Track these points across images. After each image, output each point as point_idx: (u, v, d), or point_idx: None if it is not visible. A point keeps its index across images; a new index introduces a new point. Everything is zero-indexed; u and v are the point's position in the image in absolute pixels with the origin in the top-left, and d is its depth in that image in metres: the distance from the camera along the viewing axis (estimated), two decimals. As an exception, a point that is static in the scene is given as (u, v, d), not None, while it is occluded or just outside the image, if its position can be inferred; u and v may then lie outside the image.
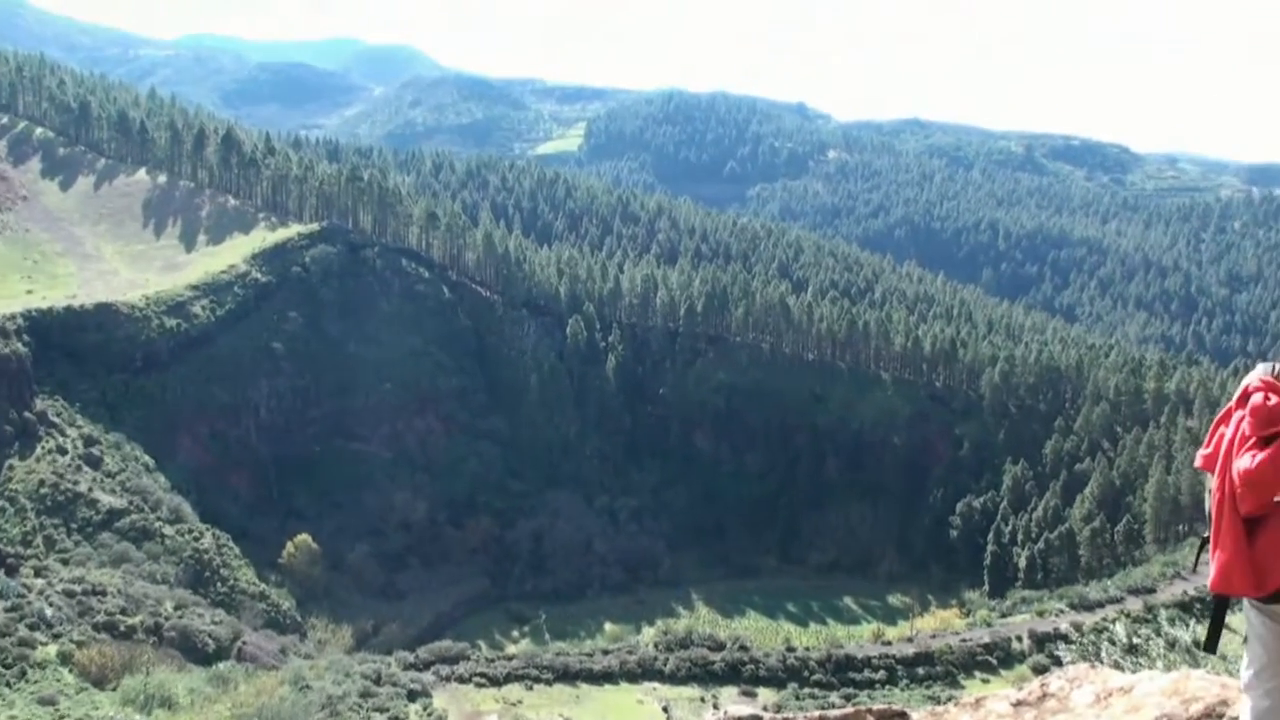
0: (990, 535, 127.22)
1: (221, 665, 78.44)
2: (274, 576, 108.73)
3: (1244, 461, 5.22)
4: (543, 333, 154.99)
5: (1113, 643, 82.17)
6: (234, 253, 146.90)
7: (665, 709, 77.10)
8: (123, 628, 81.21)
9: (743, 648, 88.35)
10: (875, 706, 7.85)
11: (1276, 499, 5.15)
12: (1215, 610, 5.73)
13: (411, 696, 76.00)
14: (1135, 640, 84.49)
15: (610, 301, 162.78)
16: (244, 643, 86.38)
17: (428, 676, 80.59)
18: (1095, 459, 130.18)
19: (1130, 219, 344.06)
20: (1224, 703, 6.51)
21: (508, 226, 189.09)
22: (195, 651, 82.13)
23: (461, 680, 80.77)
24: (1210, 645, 5.78)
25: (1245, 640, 5.75)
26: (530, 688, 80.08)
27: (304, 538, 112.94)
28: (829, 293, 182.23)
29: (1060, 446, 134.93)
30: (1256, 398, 5.32)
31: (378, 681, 77.00)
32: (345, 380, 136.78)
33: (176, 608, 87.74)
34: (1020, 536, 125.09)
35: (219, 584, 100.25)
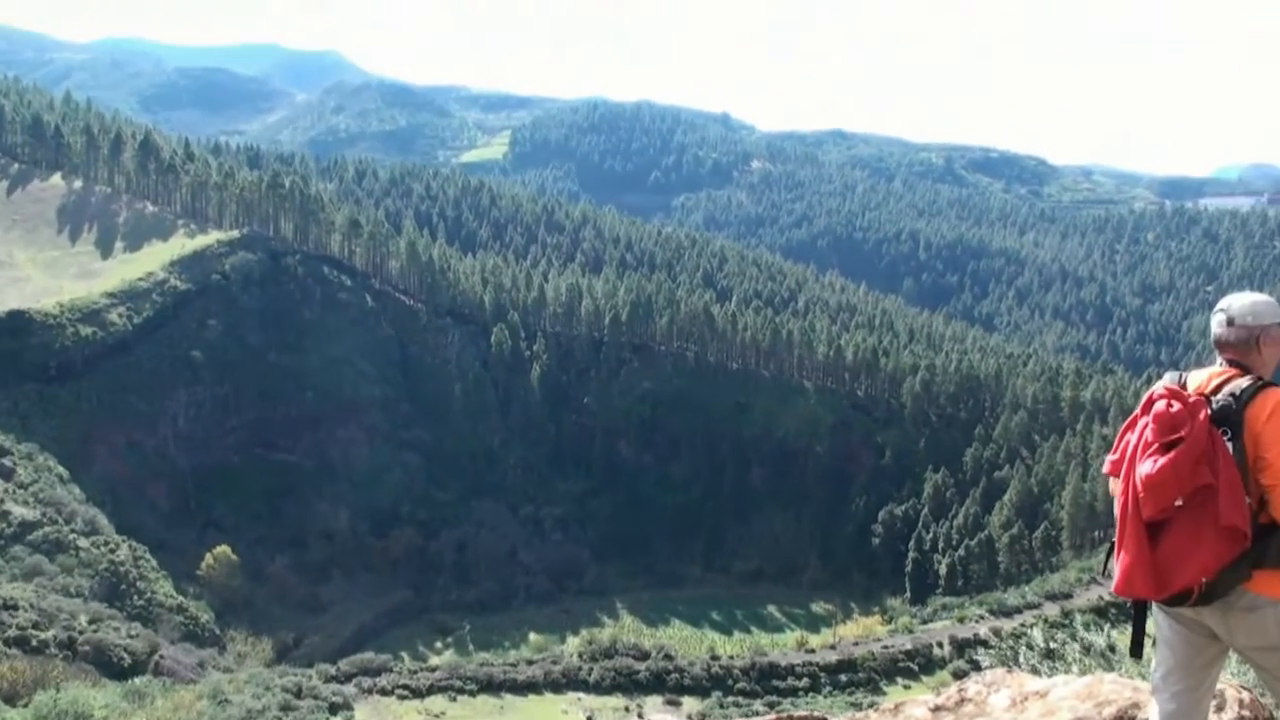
0: (912, 543, 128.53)
1: (138, 680, 76.80)
2: (192, 589, 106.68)
3: (1146, 467, 5.39)
4: (467, 341, 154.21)
5: (1030, 648, 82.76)
6: (152, 260, 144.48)
7: (590, 718, 76.92)
8: (35, 642, 79.19)
9: (667, 657, 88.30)
10: (797, 714, 7.93)
11: (1177, 503, 5.31)
12: (1135, 615, 5.89)
13: (333, 709, 75.01)
14: (1052, 645, 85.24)
15: (535, 310, 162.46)
16: (161, 656, 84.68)
17: (350, 689, 79.55)
18: (1014, 467, 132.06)
19: (1047, 230, 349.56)
20: (1135, 705, 6.66)
21: (432, 235, 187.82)
22: (110, 666, 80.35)
23: (384, 692, 79.88)
24: (1136, 650, 5.92)
25: (1155, 644, 5.92)
26: (454, 699, 79.44)
27: (223, 549, 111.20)
28: (753, 302, 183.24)
29: (980, 454, 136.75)
30: (1160, 405, 5.49)
31: (298, 695, 75.88)
32: (266, 389, 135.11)
33: (91, 621, 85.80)
34: (941, 544, 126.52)
35: (135, 597, 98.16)
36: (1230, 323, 5.75)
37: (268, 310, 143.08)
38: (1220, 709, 6.66)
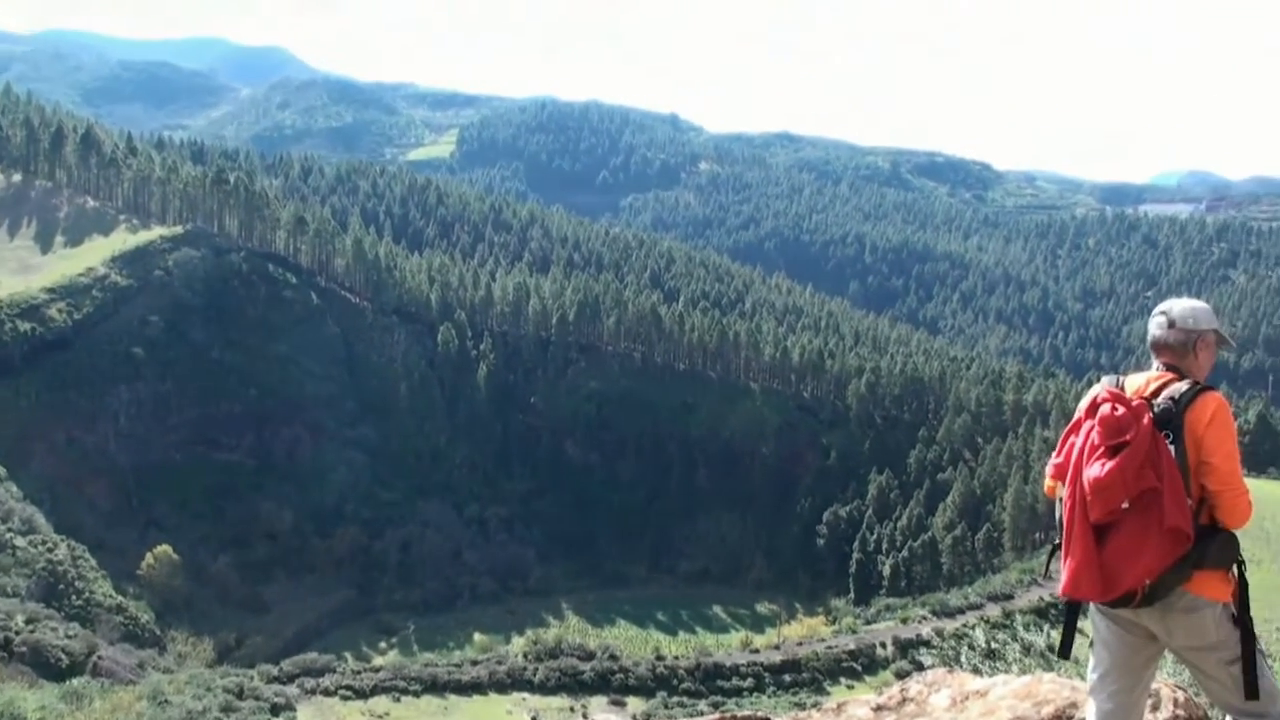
0: (856, 543, 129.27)
1: (76, 681, 75.61)
2: (132, 589, 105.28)
3: (1094, 470, 5.47)
4: (413, 340, 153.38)
5: (972, 648, 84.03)
6: (93, 255, 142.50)
7: (534, 719, 76.79)
8: (-31, 643, 78.04)
9: (612, 657, 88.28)
10: (740, 714, 7.96)
11: (1124, 506, 5.38)
12: (1067, 616, 5.97)
13: (275, 710, 74.28)
14: (993, 645, 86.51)
15: (482, 309, 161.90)
16: (100, 657, 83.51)
17: (292, 690, 78.84)
18: (957, 468, 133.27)
19: (991, 234, 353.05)
20: (1073, 705, 6.74)
21: (378, 233, 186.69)
22: (48, 667, 79.12)
23: (327, 693, 79.23)
24: (1064, 651, 6.01)
25: (1092, 644, 5.99)
26: (397, 699, 78.96)
27: (164, 549, 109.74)
28: (700, 303, 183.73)
29: (924, 456, 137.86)
30: (1105, 409, 5.57)
31: (240, 695, 75.08)
32: (209, 387, 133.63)
33: (28, 622, 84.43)
34: (885, 545, 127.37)
35: (74, 597, 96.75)
36: (1171, 325, 5.86)
37: (211, 307, 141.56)
38: (1156, 708, 6.75)
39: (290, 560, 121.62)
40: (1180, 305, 5.90)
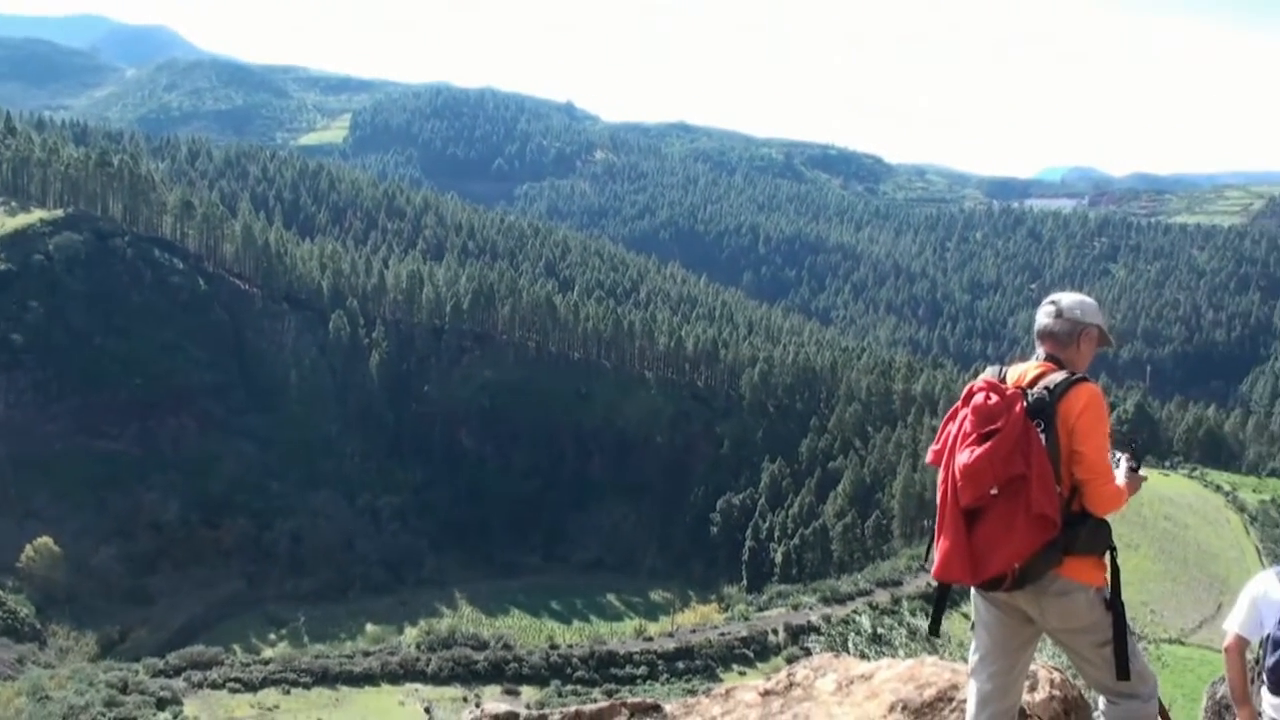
0: (749, 532, 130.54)
1: (-49, 677, 73.71)
2: (11, 582, 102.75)
3: (964, 456, 5.63)
4: (304, 328, 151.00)
5: (859, 633, 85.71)
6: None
7: (427, 709, 76.29)
8: None
9: (506, 646, 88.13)
10: (632, 700, 8.01)
11: (993, 491, 5.54)
12: (937, 597, 6.15)
13: (161, 705, 72.82)
14: (880, 630, 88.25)
15: (374, 297, 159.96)
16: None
17: (178, 683, 77.32)
18: (848, 457, 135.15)
19: (882, 226, 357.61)
20: (954, 686, 6.91)
21: (268, 218, 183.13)
22: (-79, 663, 76.96)
23: (215, 686, 77.83)
24: (933, 628, 6.19)
25: (973, 627, 6.16)
26: (287, 692, 77.87)
27: (44, 540, 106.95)
28: (595, 292, 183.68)
29: (815, 445, 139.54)
30: (978, 397, 5.74)
31: (124, 690, 73.47)
32: (92, 375, 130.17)
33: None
34: (777, 533, 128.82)
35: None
36: (1059, 315, 6.00)
37: (94, 293, 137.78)
38: (1033, 689, 6.95)
39: (176, 552, 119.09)
40: (1070, 297, 6.06)
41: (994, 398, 5.67)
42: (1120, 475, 5.95)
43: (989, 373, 6.03)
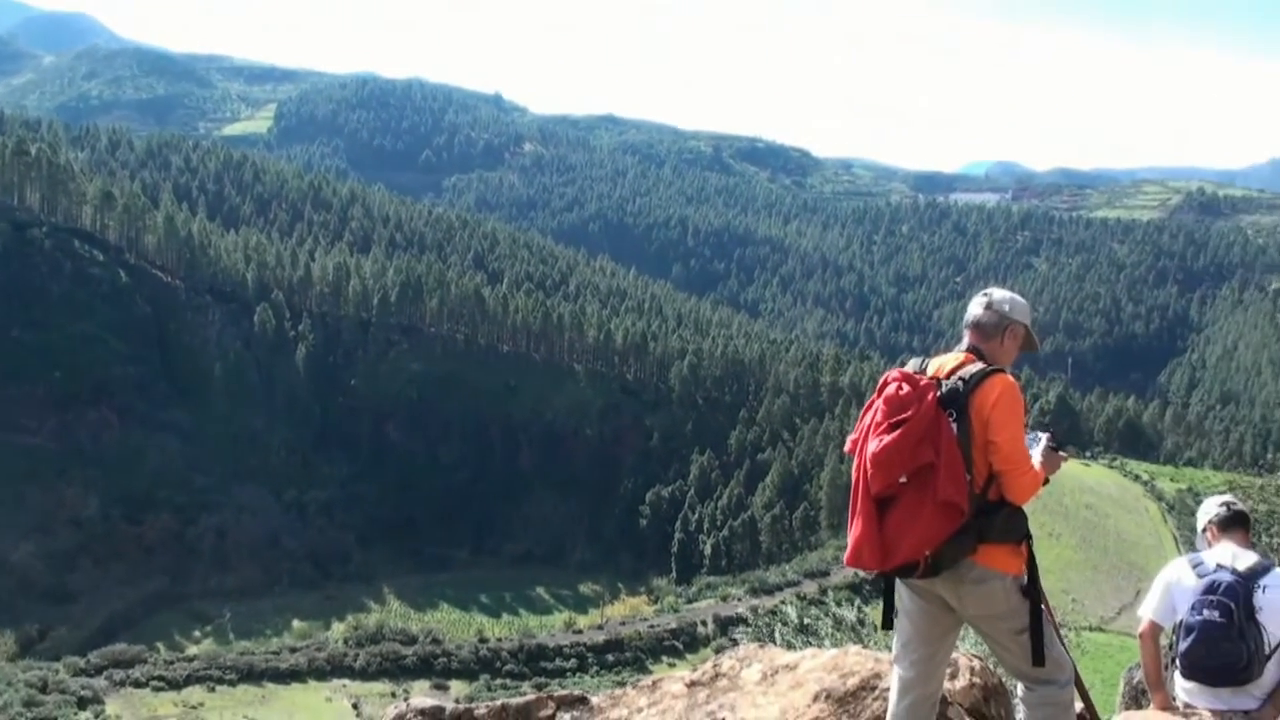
0: (678, 524, 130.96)
1: None
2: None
3: (874, 445, 5.71)
4: (228, 321, 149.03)
5: (785, 624, 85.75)
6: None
7: (355, 706, 75.85)
8: None
9: (435, 641, 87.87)
10: (560, 693, 8.02)
11: (902, 480, 5.62)
12: (885, 590, 6.22)
13: (82, 704, 71.70)
14: (806, 620, 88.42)
15: (300, 290, 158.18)
16: (-111, 654, 79.48)
17: (100, 682, 76.20)
18: (776, 449, 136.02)
19: (810, 220, 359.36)
20: (877, 675, 7.00)
21: (191, 209, 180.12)
22: None
23: (138, 684, 76.78)
24: (886, 622, 6.26)
25: (895, 615, 6.25)
26: (212, 689, 77.03)
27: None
28: (524, 285, 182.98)
29: (744, 437, 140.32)
30: (891, 388, 5.82)
31: (44, 689, 72.23)
32: (8, 368, 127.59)
33: None
34: (706, 524, 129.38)
35: None
36: (989, 306, 6.06)
37: (11, 285, 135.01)
38: (954, 677, 7.05)
39: (97, 548, 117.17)
40: (1003, 292, 6.13)
41: (905, 388, 5.74)
42: (1037, 455, 6.04)
43: (911, 364, 6.10)
